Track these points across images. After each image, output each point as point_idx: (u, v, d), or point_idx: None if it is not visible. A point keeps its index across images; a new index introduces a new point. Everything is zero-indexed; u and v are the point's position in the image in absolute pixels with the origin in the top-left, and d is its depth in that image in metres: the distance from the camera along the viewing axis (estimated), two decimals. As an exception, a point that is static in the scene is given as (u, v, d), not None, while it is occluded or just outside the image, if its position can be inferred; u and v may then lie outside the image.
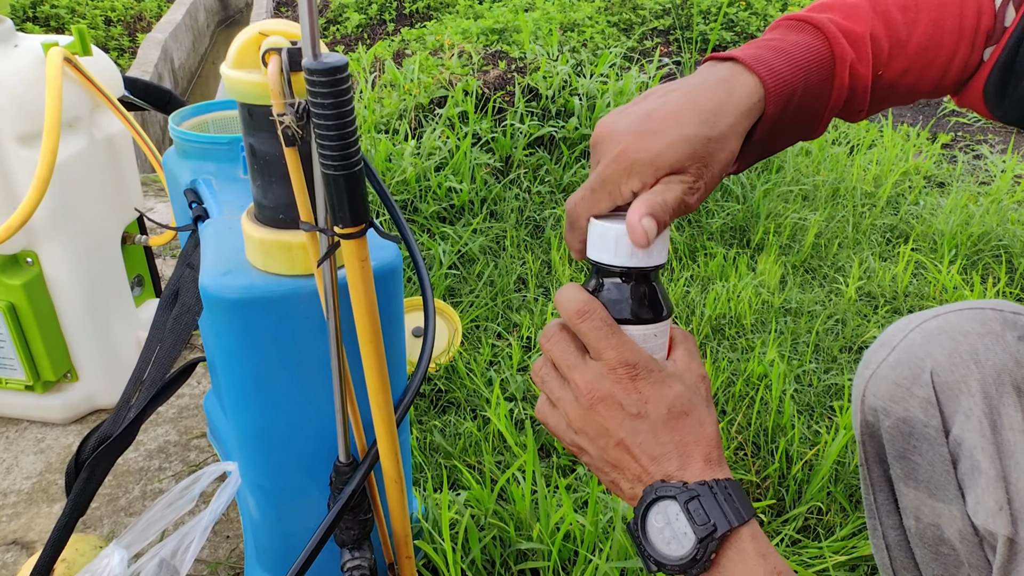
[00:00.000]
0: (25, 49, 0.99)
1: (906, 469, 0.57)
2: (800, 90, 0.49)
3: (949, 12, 0.50)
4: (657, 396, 0.44)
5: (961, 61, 0.51)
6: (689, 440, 0.43)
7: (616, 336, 0.44)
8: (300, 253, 0.62)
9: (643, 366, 0.44)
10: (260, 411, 0.69)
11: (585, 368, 0.45)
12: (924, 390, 0.55)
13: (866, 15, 0.50)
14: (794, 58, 0.48)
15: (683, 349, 0.48)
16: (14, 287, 1.03)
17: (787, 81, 0.48)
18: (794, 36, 0.50)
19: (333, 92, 0.49)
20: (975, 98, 0.53)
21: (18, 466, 1.11)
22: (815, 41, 0.49)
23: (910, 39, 0.50)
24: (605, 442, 0.45)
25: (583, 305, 0.45)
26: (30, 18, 4.39)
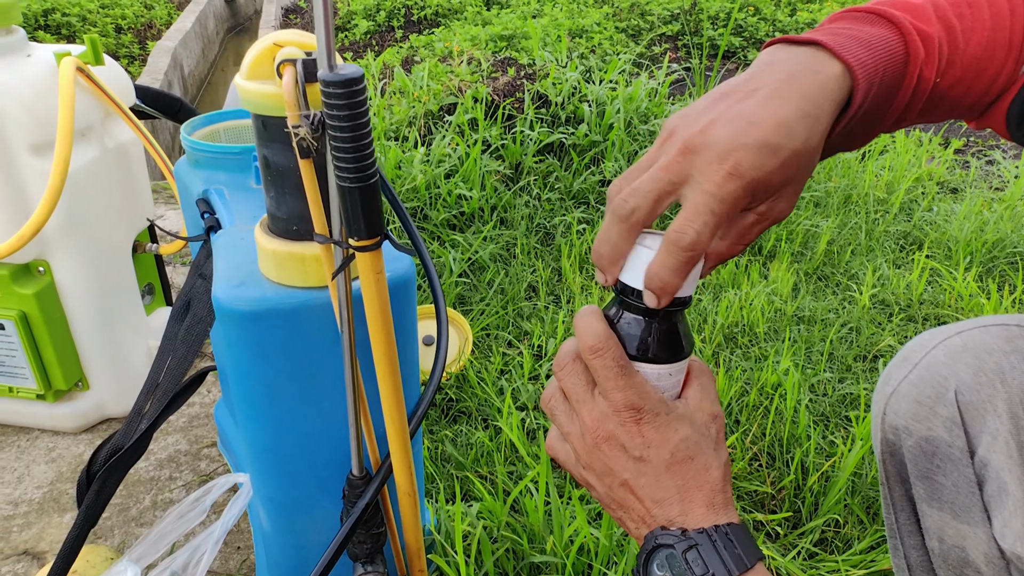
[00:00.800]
0: (37, 59, 0.99)
1: (929, 490, 0.56)
2: (876, 86, 0.45)
3: (1001, 23, 0.48)
4: (661, 440, 0.43)
5: (1006, 76, 0.49)
6: (692, 485, 0.43)
7: (625, 378, 0.43)
8: (314, 265, 0.62)
9: (648, 409, 0.43)
10: (272, 423, 0.69)
11: (592, 405, 0.44)
12: (948, 409, 0.53)
13: (931, 17, 0.47)
14: (875, 50, 0.44)
15: (697, 386, 0.47)
16: (26, 296, 1.03)
17: (871, 73, 0.44)
18: (870, 28, 0.46)
19: (349, 104, 0.48)
20: (997, 118, 0.51)
21: (29, 475, 1.11)
22: (892, 36, 0.45)
23: (967, 48, 0.48)
24: (610, 481, 0.45)
25: (597, 341, 0.44)
26: (41, 26, 4.43)
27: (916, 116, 0.50)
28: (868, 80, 0.44)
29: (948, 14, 0.47)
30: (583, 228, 1.82)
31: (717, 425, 0.46)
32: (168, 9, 5.68)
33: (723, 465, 0.44)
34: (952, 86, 0.48)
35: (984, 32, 0.47)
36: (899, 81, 0.46)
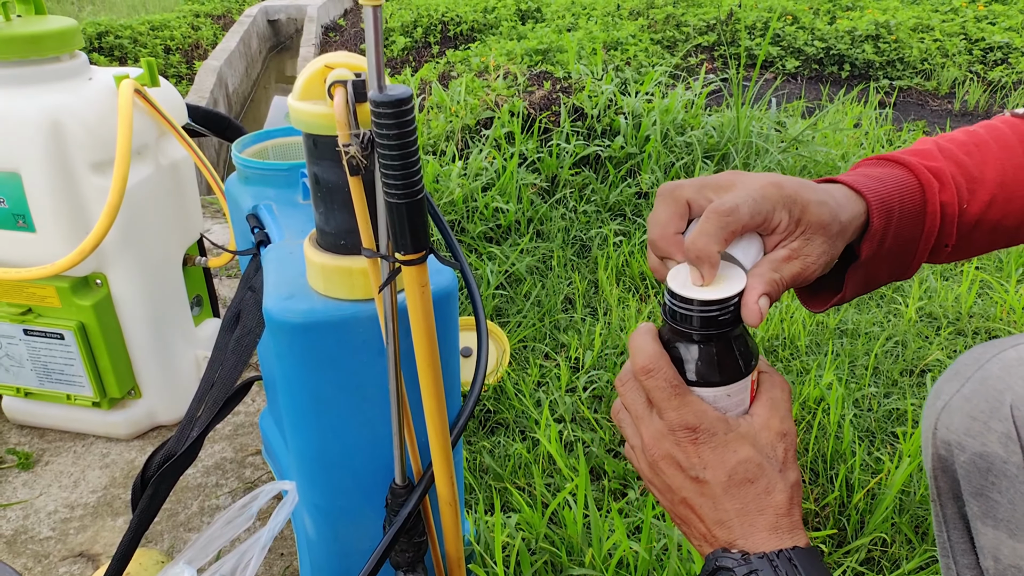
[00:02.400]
0: (98, 81, 1.04)
1: (984, 507, 0.54)
2: (896, 212, 0.51)
3: (1015, 152, 0.54)
4: (718, 462, 0.43)
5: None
6: (752, 508, 0.42)
7: (679, 398, 0.43)
8: (361, 278, 0.64)
9: (705, 429, 0.43)
10: (319, 432, 0.70)
11: (650, 423, 0.45)
12: (1003, 424, 0.52)
13: (938, 156, 0.54)
14: (887, 184, 0.52)
15: (765, 400, 0.46)
16: (84, 307, 1.07)
17: (884, 200, 0.51)
18: (880, 170, 0.54)
19: (398, 123, 0.50)
20: None
21: (85, 480, 1.15)
22: (902, 173, 0.53)
23: (984, 175, 0.54)
24: (671, 497, 0.45)
25: (649, 362, 0.44)
26: (96, 48, 4.63)
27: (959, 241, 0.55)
28: (882, 204, 0.51)
29: (956, 153, 0.55)
30: (619, 240, 1.81)
31: (786, 444, 0.44)
32: (214, 29, 5.88)
33: (789, 487, 0.43)
34: (986, 209, 0.54)
35: (998, 161, 0.54)
36: (921, 208, 0.53)
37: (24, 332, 1.10)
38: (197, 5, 6.57)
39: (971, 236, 0.55)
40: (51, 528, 1.06)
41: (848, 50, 4.26)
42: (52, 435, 1.23)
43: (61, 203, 1.00)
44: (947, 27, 4.55)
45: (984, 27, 4.61)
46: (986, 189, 0.54)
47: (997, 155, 0.54)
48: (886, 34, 4.30)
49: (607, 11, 4.94)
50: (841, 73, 4.23)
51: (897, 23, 4.37)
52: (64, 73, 1.01)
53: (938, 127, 3.27)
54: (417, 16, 5.09)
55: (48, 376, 1.15)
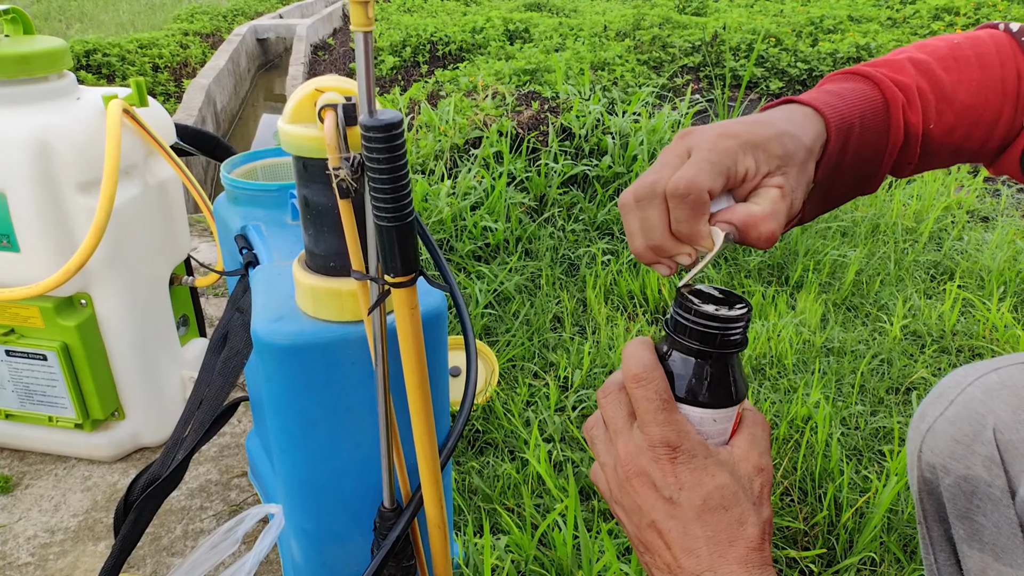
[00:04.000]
0: (86, 101, 1.04)
1: (969, 530, 0.55)
2: (857, 128, 0.49)
3: (991, 74, 0.52)
4: (694, 483, 0.41)
5: (1006, 122, 0.52)
6: (723, 538, 0.40)
7: (665, 413, 0.42)
8: (350, 300, 0.63)
9: (686, 449, 0.41)
10: (307, 455, 0.70)
11: (629, 437, 0.43)
12: (987, 448, 0.53)
13: (910, 70, 0.52)
14: (848, 99, 0.50)
15: (746, 435, 0.44)
16: (68, 328, 1.06)
17: (844, 115, 0.49)
18: (845, 84, 0.52)
19: (388, 148, 0.50)
20: (1012, 165, 0.54)
21: (66, 504, 1.13)
22: (866, 87, 0.51)
23: (956, 95, 0.52)
24: (639, 519, 0.43)
25: (642, 371, 0.43)
26: (83, 66, 4.62)
27: (920, 160, 0.53)
28: (841, 121, 0.49)
29: (932, 67, 0.52)
30: (607, 259, 1.82)
31: (762, 479, 0.43)
32: (203, 48, 5.90)
33: (762, 522, 0.42)
34: (949, 131, 0.52)
35: (974, 81, 0.52)
36: (884, 124, 0.51)
37: (6, 353, 1.09)
38: (186, 24, 6.59)
39: (935, 153, 0.54)
40: (30, 554, 1.04)
41: (830, 72, 4.34)
42: (33, 457, 1.21)
43: (47, 223, 0.99)
44: (926, 50, 4.64)
45: (962, 50, 4.71)
46: (954, 110, 0.52)
47: (973, 74, 0.52)
48: (867, 56, 4.38)
49: (594, 32, 5.01)
50: (824, 94, 4.30)
51: (878, 46, 4.46)
52: (52, 93, 1.01)
53: (919, 147, 3.32)
54: (406, 36, 5.13)
55: (30, 397, 1.13)
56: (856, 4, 6.29)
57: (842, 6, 6.03)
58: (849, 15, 5.46)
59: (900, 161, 0.53)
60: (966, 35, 0.55)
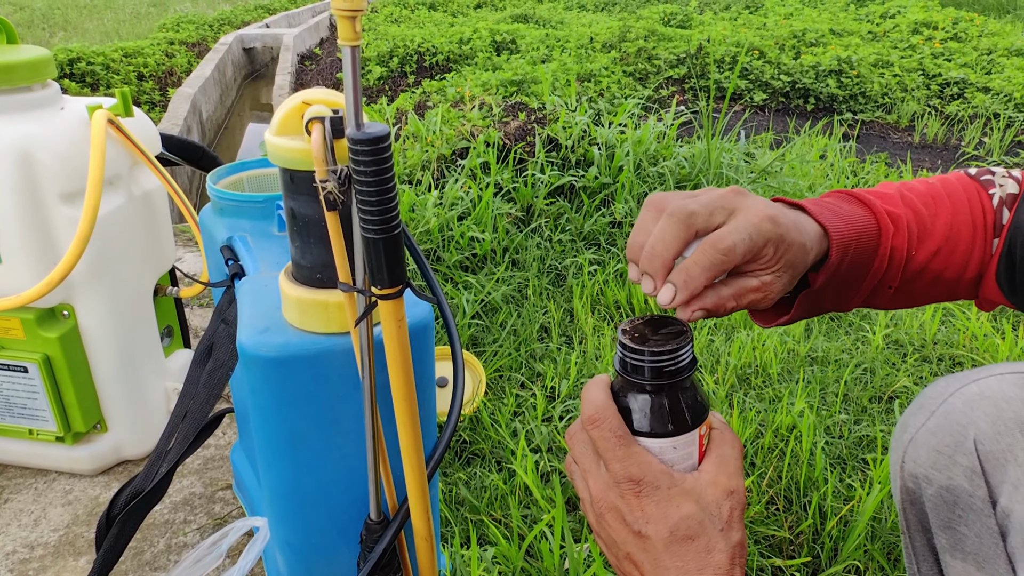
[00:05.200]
0: (70, 111, 1.03)
1: (952, 540, 0.55)
2: (852, 250, 0.54)
3: (962, 208, 0.59)
4: (660, 516, 0.42)
5: (979, 252, 0.58)
6: (692, 567, 0.41)
7: (623, 448, 0.43)
8: (336, 312, 0.63)
9: (649, 482, 0.43)
10: (293, 468, 0.69)
11: (598, 475, 0.45)
12: (968, 458, 0.53)
13: (899, 202, 0.59)
14: (849, 221, 0.55)
15: (714, 457, 0.45)
16: (50, 340, 1.05)
17: (845, 236, 0.54)
18: (847, 205, 0.57)
19: (375, 161, 0.50)
20: (992, 289, 0.59)
21: (46, 518, 1.11)
22: (865, 213, 0.57)
23: (935, 227, 0.58)
24: (616, 551, 0.45)
25: (595, 412, 0.44)
26: (67, 75, 4.58)
27: (901, 285, 0.58)
28: (843, 239, 0.54)
29: (915, 202, 0.59)
30: (594, 269, 1.83)
31: (732, 502, 0.44)
32: (188, 57, 5.87)
33: (731, 547, 0.42)
34: (930, 259, 0.58)
35: (947, 215, 0.58)
36: (874, 249, 0.56)
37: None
38: (172, 33, 6.56)
39: (913, 282, 0.58)
40: (8, 570, 1.02)
41: (813, 84, 4.40)
42: (12, 471, 1.19)
43: (29, 234, 0.98)
44: (906, 63, 4.73)
45: (941, 63, 4.80)
46: (934, 240, 0.57)
47: (947, 208, 0.59)
48: (848, 69, 4.45)
49: (581, 44, 5.05)
50: (807, 106, 4.36)
51: (859, 59, 4.53)
52: (35, 103, 1.00)
53: (899, 159, 3.38)
54: (393, 46, 5.14)
55: (9, 410, 1.11)
56: (838, 18, 6.40)
57: (824, 20, 6.13)
58: (831, 29, 5.55)
59: (880, 284, 0.57)
60: (939, 178, 0.63)
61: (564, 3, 8.82)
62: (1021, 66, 4.66)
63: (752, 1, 7.81)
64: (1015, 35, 5.64)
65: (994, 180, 0.60)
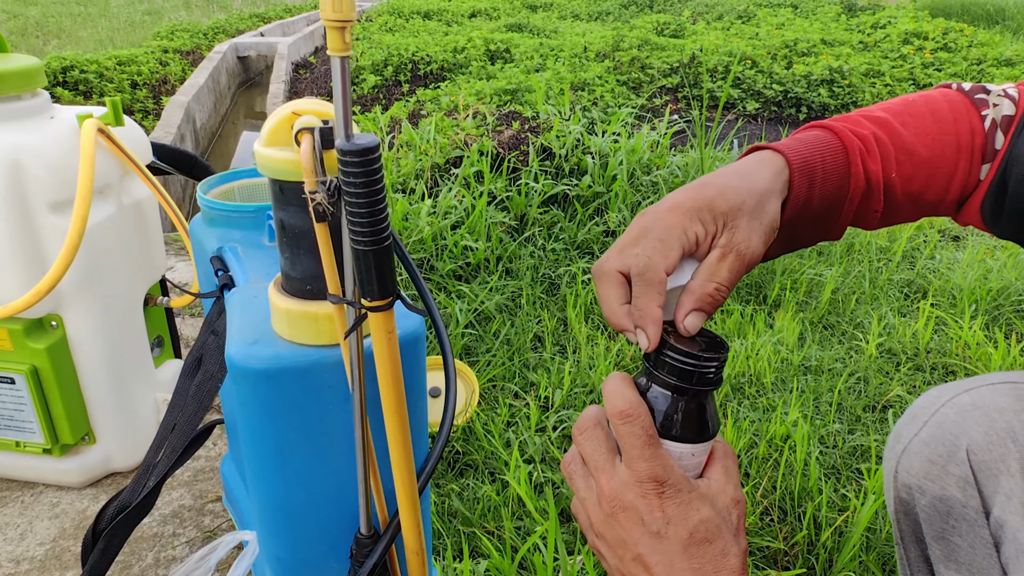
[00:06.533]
0: (60, 120, 1.02)
1: (946, 551, 0.55)
2: (820, 170, 0.52)
3: (946, 128, 0.55)
4: (681, 518, 0.42)
5: (963, 174, 0.55)
6: (709, 569, 0.42)
7: (652, 448, 0.43)
8: (326, 323, 0.63)
9: (672, 484, 0.43)
10: (282, 482, 0.68)
11: (613, 473, 0.44)
12: (960, 468, 0.53)
13: (866, 124, 0.55)
14: (809, 144, 0.53)
15: (720, 468, 0.46)
16: (38, 351, 1.04)
17: (806, 158, 0.52)
18: (804, 133, 0.55)
19: (365, 172, 0.50)
20: (974, 215, 0.56)
21: (32, 532, 1.09)
22: (825, 134, 0.54)
23: (915, 148, 0.54)
24: (623, 553, 0.44)
25: (629, 407, 0.44)
26: (60, 82, 4.57)
27: (886, 210, 0.55)
28: (804, 164, 0.52)
29: (889, 121, 0.55)
30: (588, 278, 1.83)
31: (739, 511, 0.45)
32: (183, 65, 5.87)
33: (742, 553, 0.43)
34: (908, 180, 0.55)
35: (929, 135, 0.55)
36: (845, 168, 0.53)
37: (-28, 376, 1.06)
38: (166, 41, 6.56)
39: (899, 204, 0.56)
40: (-6, 585, 1.01)
41: (805, 93, 4.43)
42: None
43: (17, 243, 0.97)
44: (897, 72, 4.77)
45: (931, 73, 4.84)
46: (912, 161, 0.54)
47: (928, 127, 0.55)
48: (840, 79, 4.49)
49: (574, 53, 5.07)
50: (799, 115, 4.39)
51: (850, 68, 4.57)
52: (25, 112, 0.99)
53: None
54: (388, 55, 5.15)
55: (-4, 422, 1.10)
56: (829, 28, 6.45)
57: (815, 30, 6.18)
58: (822, 39, 5.59)
59: (864, 208, 0.55)
60: (920, 93, 0.58)
61: (558, 12, 8.87)
62: (1011, 76, 4.70)
63: (744, 11, 7.87)
64: (1004, 45, 5.69)
65: (988, 99, 0.55)
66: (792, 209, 0.52)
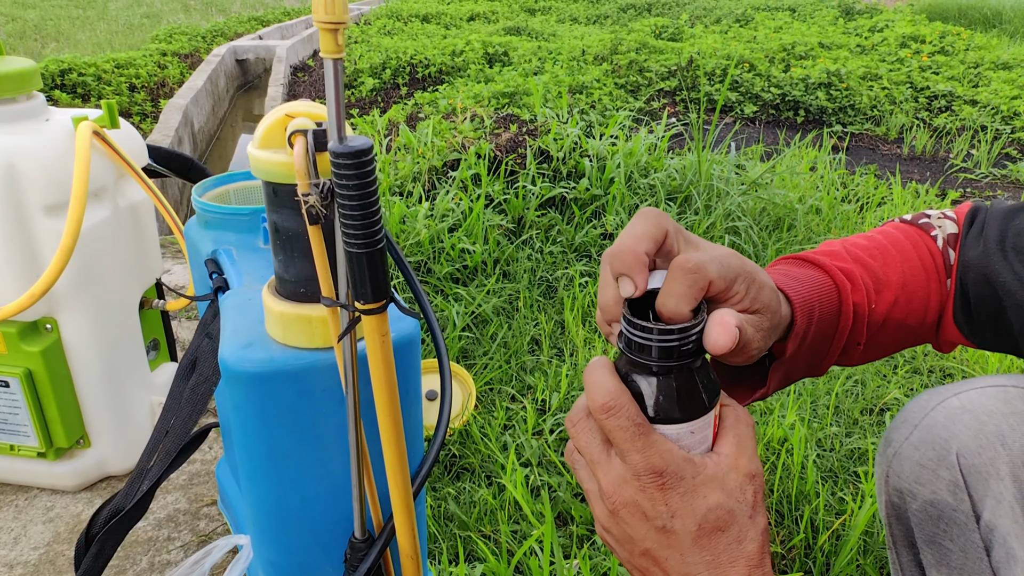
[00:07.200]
0: (55, 123, 1.02)
1: (937, 555, 0.55)
2: (816, 314, 0.53)
3: (910, 255, 0.58)
4: (687, 509, 0.39)
5: (936, 295, 0.58)
6: (724, 560, 0.39)
7: (643, 438, 0.39)
8: (320, 326, 0.63)
9: (672, 472, 0.39)
10: (276, 486, 0.68)
11: (609, 467, 0.41)
12: (950, 472, 0.53)
13: (846, 257, 0.58)
14: (807, 284, 0.54)
15: (731, 438, 0.42)
16: (32, 354, 1.03)
17: (806, 300, 0.53)
18: (800, 270, 0.56)
19: (358, 174, 0.50)
20: (952, 331, 0.58)
21: (26, 536, 1.09)
22: (819, 274, 0.56)
23: (888, 277, 0.57)
24: (631, 548, 0.42)
25: (609, 399, 0.40)
26: (58, 85, 4.57)
27: (868, 342, 0.57)
28: (805, 303, 0.52)
29: (861, 255, 0.58)
30: (585, 281, 1.83)
31: (755, 486, 0.41)
32: (181, 68, 5.87)
33: (760, 534, 0.40)
34: (891, 309, 0.57)
35: (897, 264, 0.58)
36: (837, 307, 0.55)
37: (-34, 380, 1.05)
38: (164, 44, 6.56)
39: (880, 335, 0.57)
40: (-13, 589, 1.00)
41: (802, 96, 4.44)
42: (-7, 488, 1.17)
43: (12, 246, 0.97)
44: (894, 76, 4.78)
45: (928, 76, 4.86)
46: (891, 290, 0.57)
47: (895, 258, 0.58)
48: (837, 82, 4.50)
49: (572, 56, 5.08)
50: (796, 118, 4.40)
51: (847, 72, 4.58)
52: (20, 114, 0.99)
53: (888, 171, 3.40)
54: (386, 58, 5.15)
55: (-9, 426, 1.10)
56: (827, 32, 6.47)
57: (813, 33, 6.20)
58: (820, 42, 5.60)
59: (850, 342, 0.56)
60: (877, 231, 0.62)
61: (556, 16, 8.88)
62: (1008, 79, 4.71)
63: (742, 15, 7.89)
64: (1001, 49, 5.71)
65: (932, 223, 0.60)
66: (793, 346, 0.51)
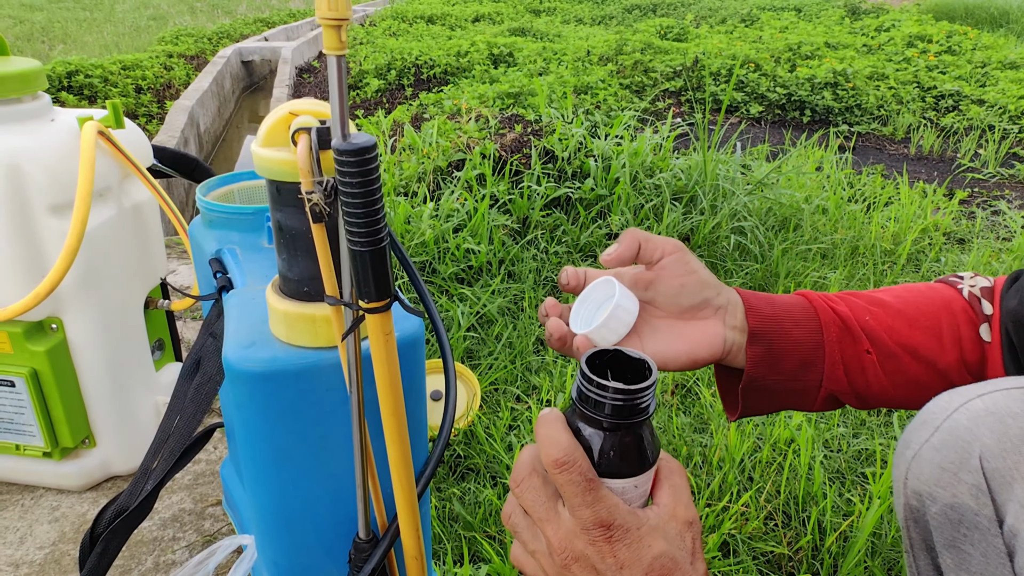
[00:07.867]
0: (60, 123, 1.02)
1: (957, 560, 0.54)
2: (788, 323, 0.57)
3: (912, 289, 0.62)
4: (634, 559, 0.41)
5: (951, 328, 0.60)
6: None
7: (593, 492, 0.41)
8: (324, 326, 0.62)
9: (619, 525, 0.41)
10: (280, 485, 0.68)
11: (558, 524, 0.42)
12: (973, 476, 0.52)
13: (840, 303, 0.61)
14: (766, 298, 0.60)
15: (667, 488, 0.44)
16: (38, 353, 1.04)
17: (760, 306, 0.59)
18: (784, 297, 0.62)
19: (361, 172, 0.49)
20: (997, 367, 0.60)
21: (32, 535, 1.09)
22: (794, 297, 0.61)
23: (883, 299, 0.61)
24: None
25: (563, 455, 0.41)
26: (65, 87, 4.59)
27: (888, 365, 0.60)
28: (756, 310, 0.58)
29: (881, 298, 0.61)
30: (591, 281, 1.82)
31: (693, 533, 0.43)
32: (187, 70, 5.89)
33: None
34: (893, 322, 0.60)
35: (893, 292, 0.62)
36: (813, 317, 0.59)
37: (-28, 379, 1.06)
38: (170, 46, 6.59)
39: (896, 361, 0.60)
40: (-7, 589, 1.00)
41: (808, 96, 4.42)
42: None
43: (17, 246, 0.97)
44: (901, 75, 4.76)
45: (935, 76, 4.83)
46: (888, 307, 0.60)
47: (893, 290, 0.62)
48: (844, 82, 4.47)
49: (577, 57, 5.07)
50: (803, 118, 4.38)
51: (854, 71, 4.55)
52: (25, 114, 0.99)
53: (895, 171, 3.39)
54: (391, 59, 5.16)
55: (-4, 425, 1.10)
56: (833, 32, 6.45)
57: (819, 33, 6.17)
58: (826, 42, 5.58)
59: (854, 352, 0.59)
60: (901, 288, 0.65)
61: (561, 17, 8.88)
62: (1015, 79, 4.68)
63: (748, 15, 7.87)
64: (1008, 48, 5.68)
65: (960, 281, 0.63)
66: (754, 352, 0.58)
